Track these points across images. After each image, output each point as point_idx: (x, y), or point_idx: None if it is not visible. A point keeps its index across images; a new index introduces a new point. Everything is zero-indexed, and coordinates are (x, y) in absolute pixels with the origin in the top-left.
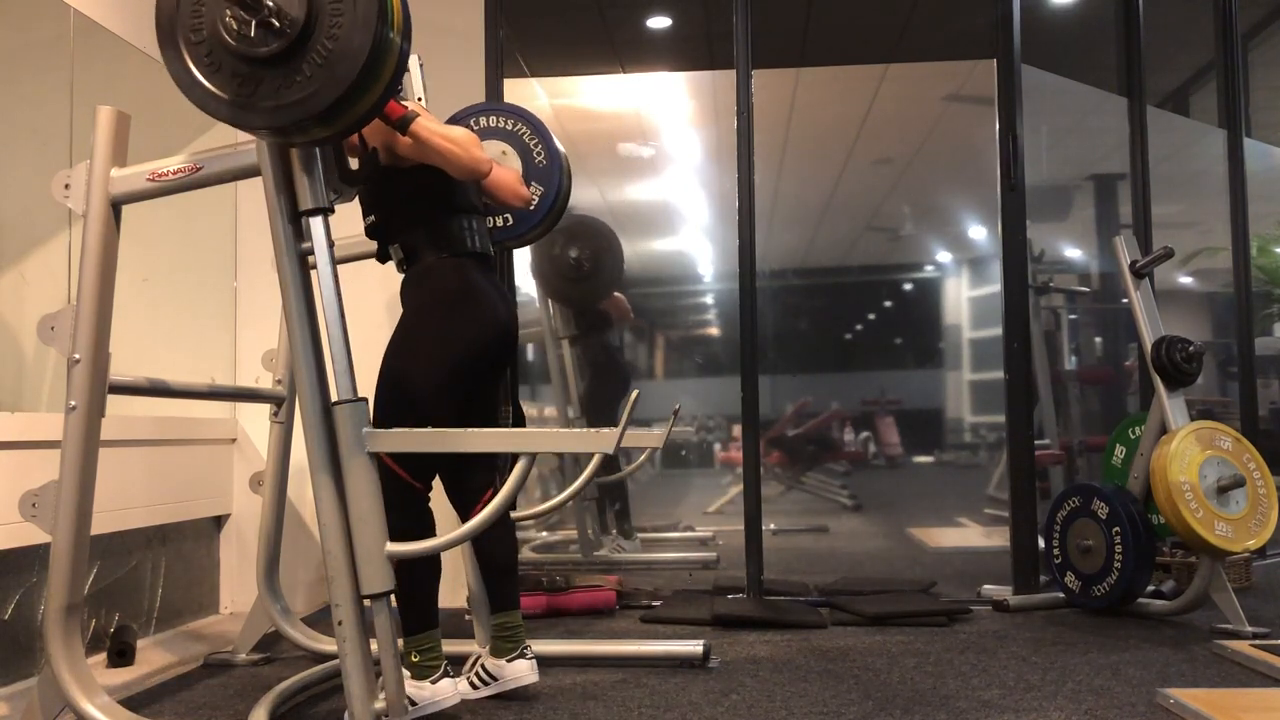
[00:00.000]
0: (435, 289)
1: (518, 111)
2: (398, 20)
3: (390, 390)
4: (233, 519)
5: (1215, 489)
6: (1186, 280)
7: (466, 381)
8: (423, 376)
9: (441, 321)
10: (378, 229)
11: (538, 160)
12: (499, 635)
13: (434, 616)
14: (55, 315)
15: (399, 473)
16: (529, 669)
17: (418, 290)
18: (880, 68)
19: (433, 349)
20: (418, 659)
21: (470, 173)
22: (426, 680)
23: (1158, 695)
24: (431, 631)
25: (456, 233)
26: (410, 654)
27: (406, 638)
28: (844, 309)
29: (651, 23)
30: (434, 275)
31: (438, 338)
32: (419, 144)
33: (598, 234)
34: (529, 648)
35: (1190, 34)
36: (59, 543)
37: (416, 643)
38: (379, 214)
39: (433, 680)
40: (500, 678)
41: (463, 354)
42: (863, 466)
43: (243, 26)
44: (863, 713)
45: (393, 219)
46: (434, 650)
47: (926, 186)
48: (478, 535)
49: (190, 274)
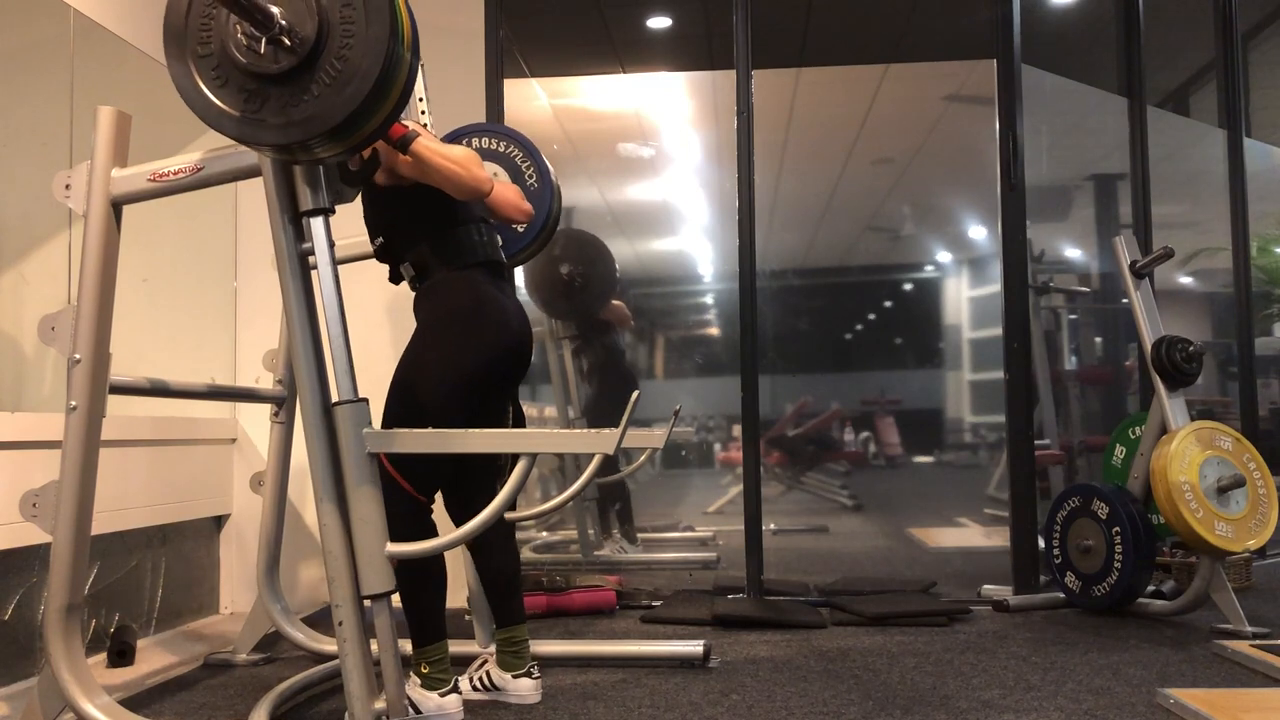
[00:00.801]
0: (446, 304)
1: (509, 133)
2: (407, 37)
3: (401, 404)
4: (233, 519)
5: (1215, 489)
6: (1186, 280)
7: (477, 395)
8: (433, 391)
9: (453, 337)
10: (387, 250)
11: (529, 183)
12: (506, 650)
13: (442, 627)
14: (55, 315)
15: (403, 485)
16: (532, 689)
17: (429, 306)
18: (880, 68)
19: (444, 364)
20: (427, 670)
21: (472, 192)
22: (434, 692)
23: (1158, 695)
24: (440, 643)
25: (465, 244)
26: (420, 665)
27: (415, 649)
28: (844, 309)
29: (651, 23)
30: (444, 290)
31: (449, 353)
32: (419, 163)
33: (588, 247)
34: (535, 666)
35: (1190, 34)
36: (59, 543)
37: (425, 654)
38: (386, 235)
39: (441, 694)
40: (503, 690)
41: (474, 369)
42: (863, 466)
43: (253, 43)
44: (863, 713)
45: (400, 238)
46: (443, 662)
47: (926, 186)
48: (479, 551)
49: (190, 274)
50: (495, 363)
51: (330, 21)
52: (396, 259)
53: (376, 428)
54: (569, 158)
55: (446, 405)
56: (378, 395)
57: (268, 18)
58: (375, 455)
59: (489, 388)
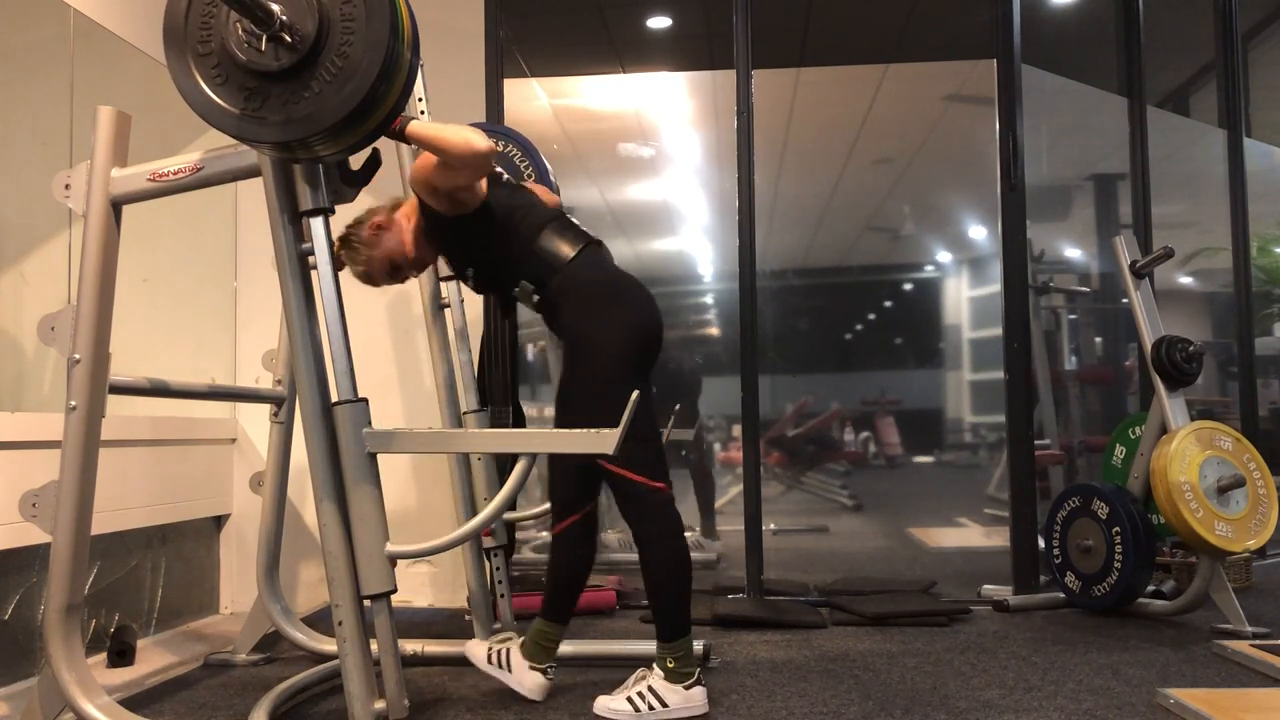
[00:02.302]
0: (583, 290)
1: (508, 133)
2: (408, 35)
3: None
4: (233, 519)
5: (1215, 489)
6: (1186, 280)
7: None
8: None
9: (603, 312)
10: (484, 281)
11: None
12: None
13: (689, 623)
14: (55, 315)
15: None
16: (701, 697)
17: (567, 305)
18: (880, 68)
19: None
20: (673, 665)
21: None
22: (680, 685)
23: (1158, 695)
24: (686, 638)
25: (565, 236)
26: (666, 660)
27: (663, 643)
28: (844, 309)
29: (651, 23)
30: (573, 283)
31: (604, 327)
32: (416, 140)
33: None
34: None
35: (1190, 34)
36: (59, 543)
37: (672, 649)
38: (476, 266)
39: (686, 686)
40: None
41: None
42: (863, 466)
43: (253, 40)
44: (863, 713)
45: (494, 263)
46: (688, 657)
47: (926, 186)
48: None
49: (190, 274)
50: (645, 328)
51: (331, 19)
52: (501, 285)
53: (375, 428)
54: (569, 158)
55: (611, 379)
56: (378, 395)
57: (268, 15)
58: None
59: (642, 357)
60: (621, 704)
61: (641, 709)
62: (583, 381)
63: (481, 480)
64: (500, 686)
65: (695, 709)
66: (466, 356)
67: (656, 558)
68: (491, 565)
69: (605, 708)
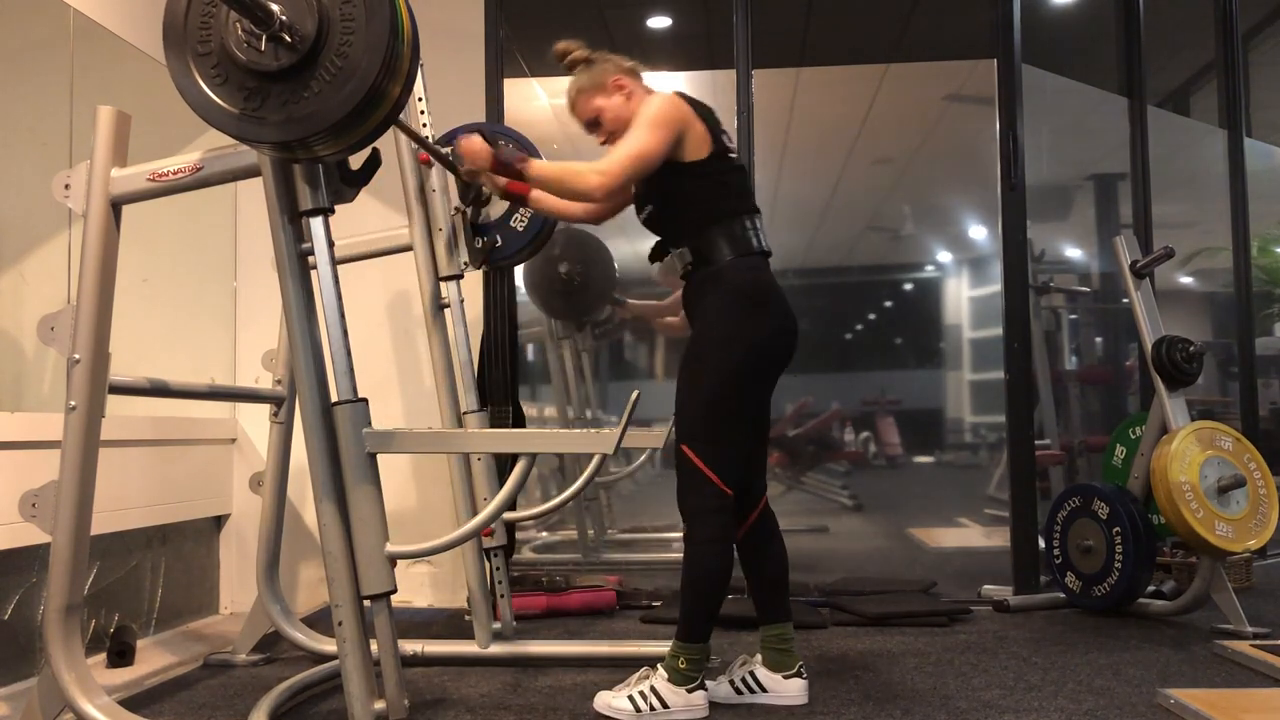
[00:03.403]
0: (735, 287)
1: (509, 133)
2: (408, 34)
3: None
4: (233, 519)
5: (1216, 489)
6: (1187, 280)
7: (756, 374)
8: (718, 366)
9: (741, 316)
10: (658, 224)
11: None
12: (774, 647)
13: (709, 631)
14: (55, 315)
15: (713, 478)
16: (801, 690)
17: (717, 291)
18: (880, 68)
19: (730, 341)
20: (684, 666)
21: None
22: (683, 688)
23: (1158, 695)
24: (705, 644)
25: (752, 232)
26: (678, 658)
27: (679, 641)
28: (844, 309)
29: (651, 23)
30: (733, 275)
31: (735, 331)
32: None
33: (587, 246)
34: (804, 666)
35: (1190, 34)
36: (59, 543)
37: (686, 650)
38: (662, 209)
39: (689, 690)
40: (770, 691)
41: (757, 346)
42: (863, 466)
43: (252, 40)
44: (863, 713)
45: (681, 220)
46: (700, 663)
47: (926, 186)
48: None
49: (190, 274)
50: (776, 340)
51: (330, 18)
52: (665, 237)
53: (375, 428)
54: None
55: (730, 380)
56: (378, 395)
57: (268, 14)
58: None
59: (766, 368)
60: (623, 701)
61: (643, 708)
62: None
63: (481, 480)
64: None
65: (696, 712)
66: (466, 356)
67: (696, 558)
68: (491, 565)
69: (606, 704)
